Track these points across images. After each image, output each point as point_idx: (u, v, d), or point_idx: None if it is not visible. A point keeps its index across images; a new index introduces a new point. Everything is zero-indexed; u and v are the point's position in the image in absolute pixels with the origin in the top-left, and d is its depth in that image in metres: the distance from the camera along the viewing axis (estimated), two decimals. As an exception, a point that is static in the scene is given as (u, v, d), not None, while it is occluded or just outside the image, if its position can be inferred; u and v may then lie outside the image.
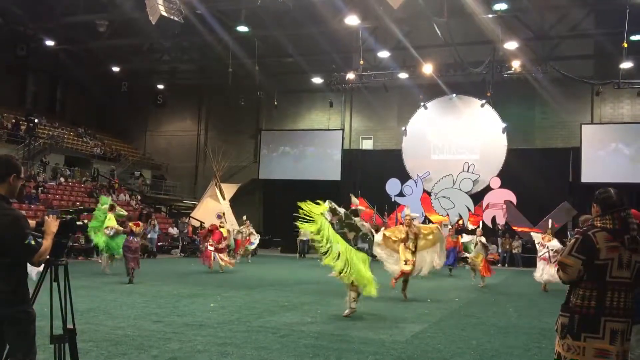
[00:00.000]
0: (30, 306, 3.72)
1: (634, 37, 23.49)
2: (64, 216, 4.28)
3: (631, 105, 28.10)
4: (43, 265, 3.90)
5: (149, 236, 23.28)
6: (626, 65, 24.12)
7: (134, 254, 13.82)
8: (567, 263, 3.62)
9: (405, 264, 11.68)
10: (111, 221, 14.97)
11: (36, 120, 30.35)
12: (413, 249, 11.80)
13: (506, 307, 11.10)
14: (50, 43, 28.86)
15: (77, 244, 20.70)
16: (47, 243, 3.67)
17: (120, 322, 8.19)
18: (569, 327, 3.57)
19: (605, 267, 3.54)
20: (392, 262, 11.94)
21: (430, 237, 12.21)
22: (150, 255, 23.04)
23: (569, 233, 23.30)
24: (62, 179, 27.17)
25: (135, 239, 14.11)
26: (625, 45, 22.21)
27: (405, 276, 11.85)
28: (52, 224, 3.80)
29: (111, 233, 14.80)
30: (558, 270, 3.73)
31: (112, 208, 15.44)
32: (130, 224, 14.83)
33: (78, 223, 4.25)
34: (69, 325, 4.15)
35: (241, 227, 22.96)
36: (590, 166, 26.99)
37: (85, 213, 20.61)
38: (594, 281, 3.56)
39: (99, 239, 15.04)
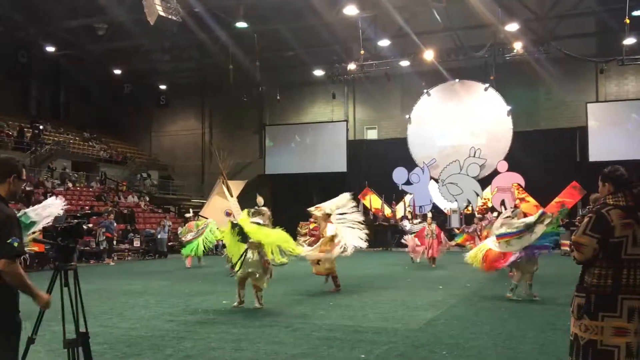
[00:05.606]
0: (16, 314, 3.50)
1: (635, 13, 23.21)
2: (71, 221, 4.28)
3: (636, 81, 27.86)
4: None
5: (159, 236, 23.36)
6: (629, 41, 23.84)
7: None
8: (581, 242, 3.57)
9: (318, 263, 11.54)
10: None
11: (41, 127, 30.43)
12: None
13: (518, 290, 11.03)
14: (50, 49, 28.89)
15: (87, 248, 20.79)
16: (27, 284, 3.45)
17: (134, 323, 8.21)
18: (586, 308, 3.54)
19: (620, 245, 3.50)
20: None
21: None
22: (161, 256, 23.12)
23: (579, 211, 23.27)
24: (70, 184, 27.27)
25: None
26: (627, 21, 21.94)
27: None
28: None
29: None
30: (572, 251, 3.69)
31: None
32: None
33: (84, 227, 4.24)
34: (82, 329, 4.16)
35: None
36: (597, 145, 26.79)
37: (94, 217, 20.59)
38: (609, 259, 3.52)
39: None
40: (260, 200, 10.74)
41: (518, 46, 25.57)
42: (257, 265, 9.37)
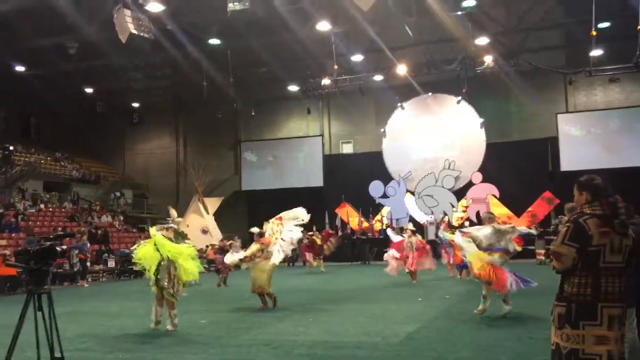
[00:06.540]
0: None
1: (601, 25, 23.79)
2: (43, 243, 4.18)
3: (604, 92, 28.48)
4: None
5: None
6: (596, 52, 24.44)
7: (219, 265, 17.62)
8: (561, 252, 3.60)
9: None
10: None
11: (11, 148, 29.89)
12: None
13: (496, 300, 11.09)
14: (20, 68, 28.46)
15: (61, 270, 20.36)
16: None
17: (111, 346, 8.03)
18: (567, 317, 3.55)
19: (599, 254, 3.53)
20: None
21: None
22: (137, 276, 22.72)
23: (552, 220, 23.63)
24: (42, 205, 26.76)
25: (219, 256, 18.47)
26: (594, 33, 22.48)
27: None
28: None
29: None
30: (551, 261, 3.72)
31: None
32: (210, 249, 22.02)
33: (58, 249, 4.14)
34: (57, 354, 4.05)
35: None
36: (568, 154, 27.31)
37: (67, 238, 20.21)
38: (588, 268, 3.55)
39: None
40: (173, 213, 10.42)
41: (488, 59, 26.02)
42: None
